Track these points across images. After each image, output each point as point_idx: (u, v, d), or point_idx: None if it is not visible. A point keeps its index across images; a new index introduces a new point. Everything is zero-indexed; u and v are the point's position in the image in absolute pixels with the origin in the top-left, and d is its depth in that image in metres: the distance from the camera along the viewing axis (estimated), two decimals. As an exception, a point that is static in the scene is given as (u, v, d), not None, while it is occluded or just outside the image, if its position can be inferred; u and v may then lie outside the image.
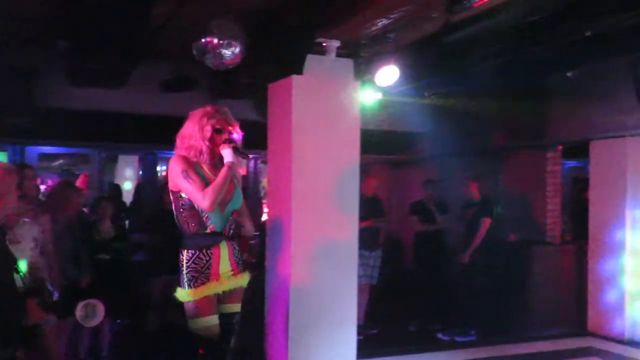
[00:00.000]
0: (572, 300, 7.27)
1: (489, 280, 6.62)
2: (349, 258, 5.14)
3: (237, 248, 3.50)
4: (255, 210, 8.47)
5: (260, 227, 6.46)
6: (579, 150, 7.50)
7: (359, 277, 6.45)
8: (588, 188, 7.07)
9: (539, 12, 4.23)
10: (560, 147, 7.74)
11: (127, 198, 9.23)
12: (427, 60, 5.62)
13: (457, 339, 6.54)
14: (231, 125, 3.43)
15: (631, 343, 6.31)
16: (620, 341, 6.38)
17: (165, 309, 6.12)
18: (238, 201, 3.45)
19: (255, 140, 5.98)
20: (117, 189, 9.03)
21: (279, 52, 5.06)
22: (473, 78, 5.79)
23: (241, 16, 4.68)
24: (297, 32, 4.87)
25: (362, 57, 5.20)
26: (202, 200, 3.20)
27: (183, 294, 3.35)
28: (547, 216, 7.71)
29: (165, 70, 6.75)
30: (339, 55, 5.01)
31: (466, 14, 4.43)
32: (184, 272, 3.33)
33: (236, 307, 3.53)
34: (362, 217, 6.09)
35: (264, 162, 8.97)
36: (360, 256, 6.48)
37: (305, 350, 4.88)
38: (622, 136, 6.49)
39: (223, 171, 3.28)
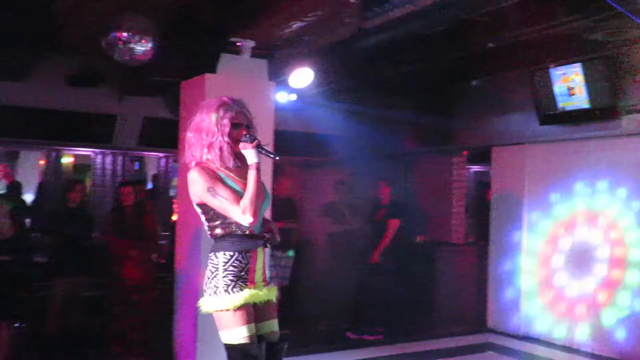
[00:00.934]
0: (474, 298, 7.61)
1: (397, 280, 6.80)
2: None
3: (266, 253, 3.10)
4: (165, 210, 8.30)
5: (171, 227, 6.33)
6: (483, 156, 7.85)
7: (271, 278, 6.50)
8: (489, 191, 7.44)
9: (445, 23, 4.40)
10: (466, 152, 8.09)
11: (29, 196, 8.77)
12: (341, 64, 5.72)
13: (366, 337, 6.67)
14: (251, 120, 2.97)
15: (526, 338, 6.68)
16: (516, 336, 6.74)
17: (67, 311, 5.89)
18: (268, 200, 3.02)
19: (167, 138, 5.90)
20: (18, 187, 8.56)
21: (192, 49, 4.99)
22: (385, 83, 5.94)
23: (154, 12, 4.58)
24: (211, 30, 4.82)
25: (277, 58, 5.21)
26: (243, 217, 2.77)
27: (217, 302, 2.84)
28: (452, 218, 8.04)
29: (73, 65, 6.47)
30: (254, 55, 5.00)
31: (379, 20, 4.56)
32: (219, 276, 2.85)
33: (275, 325, 3.07)
34: (275, 218, 6.13)
35: (175, 161, 8.82)
36: (273, 257, 6.55)
37: (215, 351, 4.82)
38: (522, 143, 6.86)
39: (253, 176, 2.81)
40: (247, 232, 2.88)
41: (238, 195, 2.80)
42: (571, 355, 6.06)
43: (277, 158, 2.97)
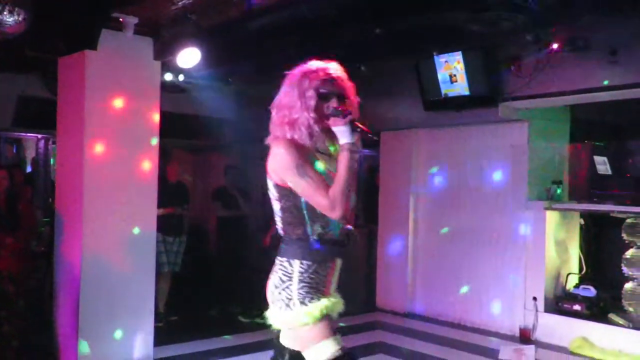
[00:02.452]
0: (365, 280, 7.84)
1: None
2: (146, 245, 4.99)
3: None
4: (46, 195, 7.84)
5: (52, 213, 5.99)
6: (373, 140, 8.03)
7: (162, 264, 6.35)
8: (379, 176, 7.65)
9: (334, 7, 4.44)
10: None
11: None
12: (230, 45, 5.61)
13: (258, 321, 6.68)
14: (343, 89, 2.42)
15: (410, 315, 7.00)
16: (402, 314, 7.04)
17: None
18: (353, 198, 2.47)
19: (44, 118, 5.55)
20: None
21: (70, 23, 4.71)
22: (274, 66, 5.90)
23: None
24: (91, 4, 4.57)
25: (163, 37, 5.03)
26: (331, 208, 2.30)
27: (294, 317, 2.37)
28: (343, 201, 8.18)
29: None
30: (138, 33, 4.81)
31: (268, 1, 4.52)
32: (294, 287, 2.37)
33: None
34: (165, 204, 5.98)
35: (55, 143, 8.34)
36: (164, 243, 6.40)
37: (98, 341, 4.65)
38: (409, 128, 7.11)
39: (344, 160, 2.30)
40: (327, 237, 2.39)
41: (327, 184, 2.31)
42: (449, 329, 6.42)
43: (375, 138, 2.53)
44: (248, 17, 4.78)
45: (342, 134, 2.33)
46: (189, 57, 5.16)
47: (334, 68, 2.43)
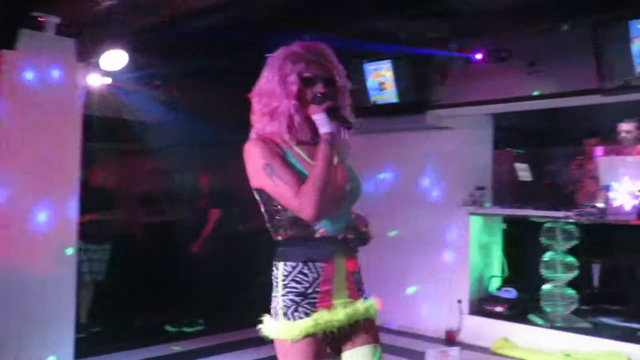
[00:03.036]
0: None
1: (218, 270, 6.77)
2: (67, 253, 4.81)
3: (357, 263, 2.32)
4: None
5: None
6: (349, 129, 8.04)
7: (84, 273, 6.14)
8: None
9: (264, 11, 4.44)
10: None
11: None
12: (157, 49, 5.52)
13: (186, 329, 6.56)
14: (331, 72, 2.18)
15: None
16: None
17: None
18: (358, 188, 2.29)
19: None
20: None
21: (-14, 22, 4.49)
22: (206, 70, 5.85)
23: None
24: (9, 2, 4.38)
25: (87, 38, 4.88)
26: (299, 209, 2.07)
27: (274, 328, 2.19)
28: (273, 207, 8.16)
29: None
30: (60, 33, 4.64)
31: (199, 4, 4.46)
32: (279, 295, 2.19)
33: (371, 352, 2.26)
34: (88, 210, 5.78)
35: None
36: (86, 251, 6.17)
37: (14, 355, 4.44)
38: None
39: (320, 153, 2.09)
40: (317, 235, 2.16)
41: (303, 179, 2.09)
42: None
43: (351, 127, 2.20)
44: (180, 19, 4.71)
45: (320, 122, 2.11)
46: (116, 59, 5.03)
47: (320, 49, 2.19)
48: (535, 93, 5.34)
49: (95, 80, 5.52)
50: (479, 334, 6.00)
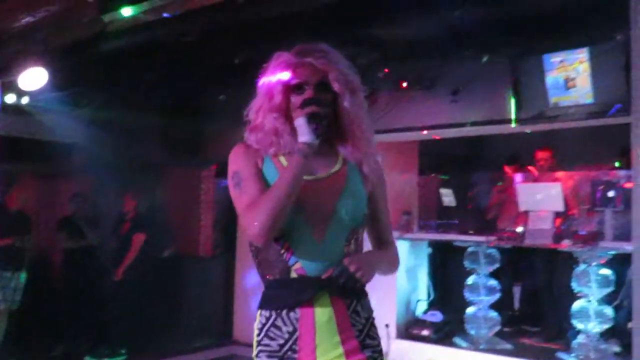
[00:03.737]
0: (222, 311, 7.70)
1: (143, 296, 6.57)
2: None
3: (358, 306, 1.86)
4: None
5: None
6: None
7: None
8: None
9: (191, 34, 4.41)
10: (215, 166, 8.17)
11: None
12: (80, 67, 5.37)
13: (107, 360, 6.32)
14: (322, 76, 1.86)
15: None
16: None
17: None
18: (349, 211, 1.83)
19: None
20: None
21: None
22: (129, 90, 5.73)
23: None
24: None
25: (5, 55, 4.70)
26: (246, 226, 1.75)
27: None
28: (200, 231, 8.05)
29: None
30: (-25, 49, 4.46)
31: (121, 24, 4.39)
32: (253, 355, 1.84)
33: None
34: (4, 234, 5.51)
35: None
36: (0, 278, 5.87)
37: None
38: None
39: (288, 167, 1.79)
40: (293, 274, 1.78)
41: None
42: None
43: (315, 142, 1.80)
44: (99, 38, 4.61)
45: (300, 130, 1.82)
46: (35, 78, 4.86)
47: (316, 50, 1.88)
48: (457, 121, 5.53)
49: (12, 99, 5.31)
50: (406, 358, 6.06)
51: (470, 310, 5.98)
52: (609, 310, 5.20)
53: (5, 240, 5.68)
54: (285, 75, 1.87)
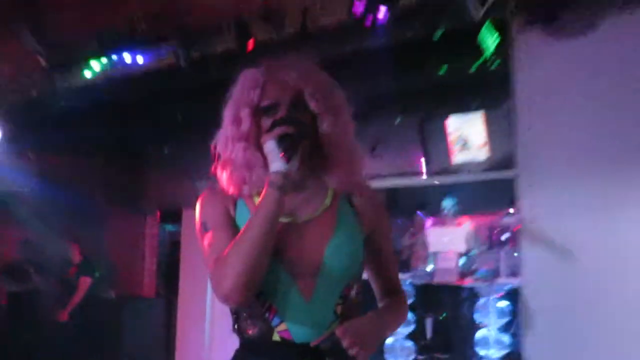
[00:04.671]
0: (163, 351, 7.37)
1: (87, 338, 6.23)
2: None
3: None
4: None
5: None
6: (176, 216, 7.84)
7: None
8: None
9: (133, 93, 4.37)
10: (159, 212, 7.96)
11: None
12: (32, 123, 5.19)
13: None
14: (297, 93, 1.39)
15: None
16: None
17: None
18: (350, 259, 1.37)
19: None
20: None
21: None
22: (78, 142, 5.57)
23: None
24: None
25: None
26: (214, 284, 1.31)
27: None
28: (144, 274, 7.77)
29: None
30: None
31: (71, 84, 4.29)
32: None
33: None
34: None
35: None
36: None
37: None
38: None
39: (260, 202, 1.32)
40: (275, 336, 1.30)
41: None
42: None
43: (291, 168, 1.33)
44: (51, 97, 4.49)
45: (270, 157, 1.34)
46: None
47: (290, 64, 1.43)
48: (377, 173, 5.65)
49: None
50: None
51: (388, 341, 5.97)
52: (506, 338, 5.34)
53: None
54: (254, 96, 1.39)
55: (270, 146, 1.34)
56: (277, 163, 1.32)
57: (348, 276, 1.37)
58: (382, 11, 2.29)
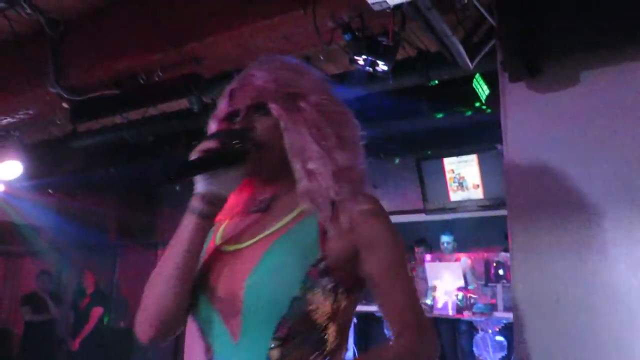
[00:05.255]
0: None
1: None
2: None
3: None
4: None
5: None
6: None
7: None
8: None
9: (151, 134, 4.45)
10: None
11: None
12: (53, 160, 5.28)
13: None
14: (257, 95, 1.13)
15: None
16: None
17: None
18: (273, 293, 1.03)
19: None
20: None
21: None
22: (95, 180, 5.65)
23: None
24: None
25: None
26: (135, 323, 1.10)
27: None
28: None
29: None
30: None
31: (90, 126, 4.39)
32: None
33: None
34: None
35: None
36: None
37: None
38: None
39: (177, 230, 1.10)
40: None
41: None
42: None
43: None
44: (71, 136, 4.58)
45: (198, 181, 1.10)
46: (11, 169, 4.73)
47: (256, 65, 1.18)
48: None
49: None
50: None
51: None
52: (503, 371, 5.27)
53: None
54: (222, 106, 1.19)
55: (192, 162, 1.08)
56: (199, 183, 1.08)
57: (276, 315, 1.02)
58: (381, 65, 2.37)
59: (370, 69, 2.49)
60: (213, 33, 2.75)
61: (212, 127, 1.19)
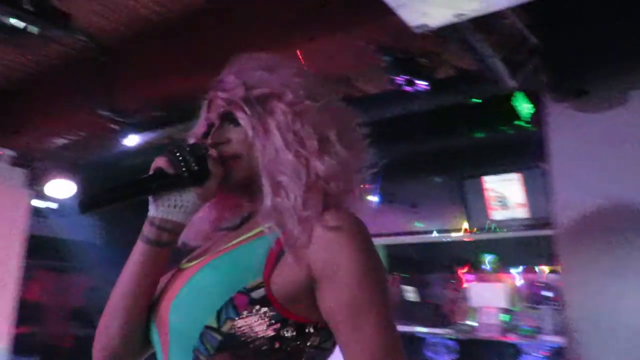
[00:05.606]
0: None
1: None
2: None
3: None
4: None
5: None
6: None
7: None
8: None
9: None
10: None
11: None
12: (104, 179, 5.46)
13: None
14: (225, 104, 1.04)
15: None
16: None
17: None
18: (189, 319, 0.95)
19: None
20: None
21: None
22: (141, 199, 5.78)
23: None
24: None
25: (36, 168, 4.80)
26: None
27: None
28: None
29: None
30: (14, 164, 4.55)
31: (139, 146, 4.52)
32: None
33: None
34: (21, 323, 5.32)
35: None
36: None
37: None
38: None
39: (131, 255, 1.06)
40: None
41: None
42: None
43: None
44: (121, 155, 4.73)
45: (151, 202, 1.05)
46: (63, 188, 4.94)
47: (227, 71, 1.08)
48: (416, 229, 5.64)
49: (41, 204, 5.34)
50: None
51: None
52: (550, 397, 5.06)
53: (22, 329, 5.48)
54: (199, 122, 1.10)
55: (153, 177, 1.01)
56: (151, 206, 1.02)
57: (192, 341, 0.90)
58: (420, 84, 2.37)
59: (410, 89, 2.49)
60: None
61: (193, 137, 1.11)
